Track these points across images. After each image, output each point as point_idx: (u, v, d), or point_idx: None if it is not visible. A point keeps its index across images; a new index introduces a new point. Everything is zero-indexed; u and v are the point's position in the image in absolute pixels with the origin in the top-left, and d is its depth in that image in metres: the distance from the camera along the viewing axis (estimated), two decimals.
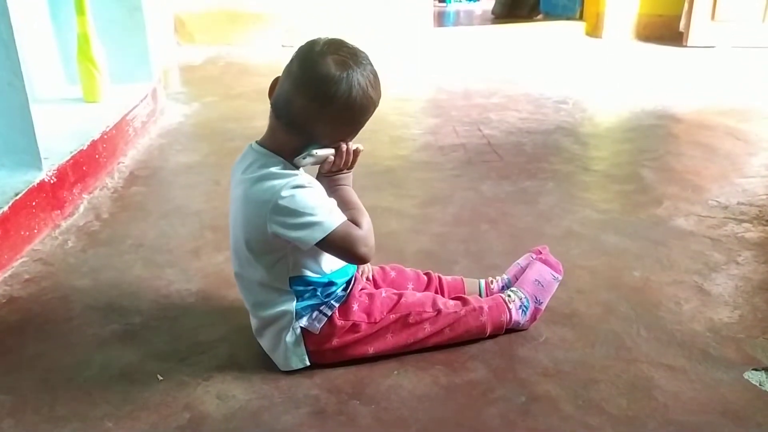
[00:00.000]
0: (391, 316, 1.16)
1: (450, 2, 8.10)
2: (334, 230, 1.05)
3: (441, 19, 6.67)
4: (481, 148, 2.34)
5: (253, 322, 1.18)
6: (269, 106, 1.11)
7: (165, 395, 1.10)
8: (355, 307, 1.15)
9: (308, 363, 1.14)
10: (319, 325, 1.13)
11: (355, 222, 1.09)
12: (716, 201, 1.84)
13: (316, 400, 1.09)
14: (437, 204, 1.85)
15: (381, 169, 2.12)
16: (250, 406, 1.07)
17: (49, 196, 1.70)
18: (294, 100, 1.05)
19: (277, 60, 3.83)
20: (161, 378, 1.14)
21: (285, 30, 4.27)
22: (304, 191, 1.05)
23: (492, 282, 1.33)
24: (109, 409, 1.07)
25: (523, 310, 1.23)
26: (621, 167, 2.17)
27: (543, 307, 1.25)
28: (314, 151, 1.09)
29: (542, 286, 1.25)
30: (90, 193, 1.92)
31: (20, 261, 1.54)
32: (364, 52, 1.09)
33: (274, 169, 1.08)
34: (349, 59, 1.05)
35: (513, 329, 1.24)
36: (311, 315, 1.13)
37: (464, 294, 1.29)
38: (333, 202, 1.10)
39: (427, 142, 2.39)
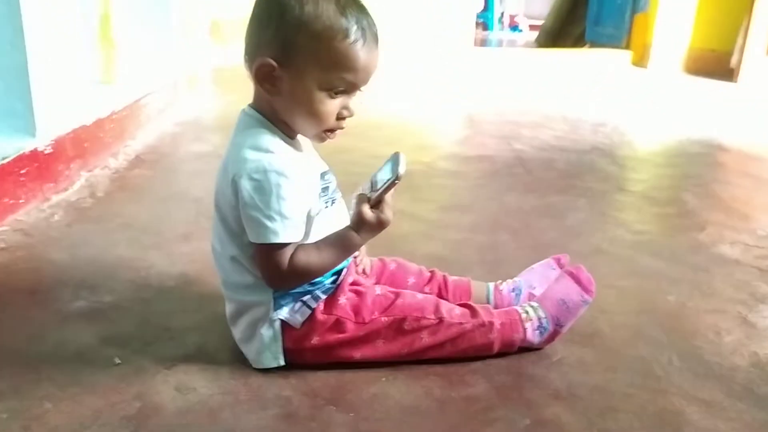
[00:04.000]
0: (382, 318, 1.00)
1: (492, 30, 8.02)
2: (272, 244, 0.92)
3: (483, 44, 6.58)
4: (509, 161, 2.19)
5: (228, 307, 1.03)
6: None
7: (118, 381, 0.96)
8: (342, 301, 1.00)
9: (282, 363, 0.99)
10: (301, 319, 0.98)
11: (305, 256, 0.95)
12: (766, 231, 1.66)
13: (287, 402, 0.94)
14: (455, 211, 1.71)
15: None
16: (210, 402, 0.93)
17: (41, 167, 1.60)
18: (247, 34, 0.93)
19: None
20: (119, 362, 1.01)
21: None
22: (276, 182, 0.90)
23: (501, 284, 1.17)
24: (52, 390, 0.94)
25: (540, 331, 1.06)
26: (661, 190, 1.99)
27: (564, 330, 1.07)
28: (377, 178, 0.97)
29: (567, 307, 1.06)
30: (89, 171, 1.82)
31: (0, 229, 1.43)
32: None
33: (253, 136, 0.94)
34: None
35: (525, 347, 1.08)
36: (293, 307, 0.99)
37: (470, 296, 1.14)
38: (303, 211, 0.95)
39: (454, 152, 2.25)
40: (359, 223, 0.96)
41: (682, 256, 1.49)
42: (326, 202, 1.02)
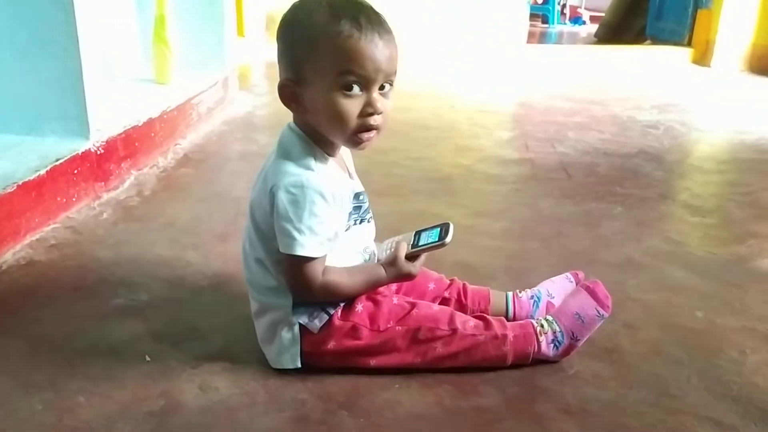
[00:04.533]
0: (397, 327, 1.03)
1: (554, 24, 7.88)
2: (298, 256, 0.97)
3: (542, 38, 6.48)
4: (550, 165, 2.18)
5: (252, 305, 1.08)
6: None
7: (146, 378, 1.03)
8: (359, 308, 1.04)
9: (299, 365, 1.03)
10: (319, 324, 1.02)
11: (338, 277, 1.02)
12: None
13: (302, 405, 0.98)
14: (488, 217, 1.71)
15: (438, 176, 2.01)
16: (229, 402, 0.98)
17: (93, 167, 1.69)
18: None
19: None
20: (149, 359, 1.07)
21: None
22: (311, 199, 0.95)
23: (521, 293, 1.18)
24: (86, 384, 1.00)
25: (555, 345, 1.07)
26: (705, 199, 1.95)
27: (580, 344, 1.08)
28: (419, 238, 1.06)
29: (583, 322, 1.07)
30: (139, 169, 1.91)
31: (51, 226, 1.52)
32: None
33: (295, 152, 0.99)
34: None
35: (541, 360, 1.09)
36: (312, 312, 1.02)
37: (489, 302, 1.16)
38: (332, 229, 1.00)
39: (494, 154, 2.25)
40: (391, 265, 1.04)
41: (718, 269, 1.47)
42: (356, 220, 1.06)
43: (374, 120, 0.97)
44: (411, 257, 1.06)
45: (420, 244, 1.06)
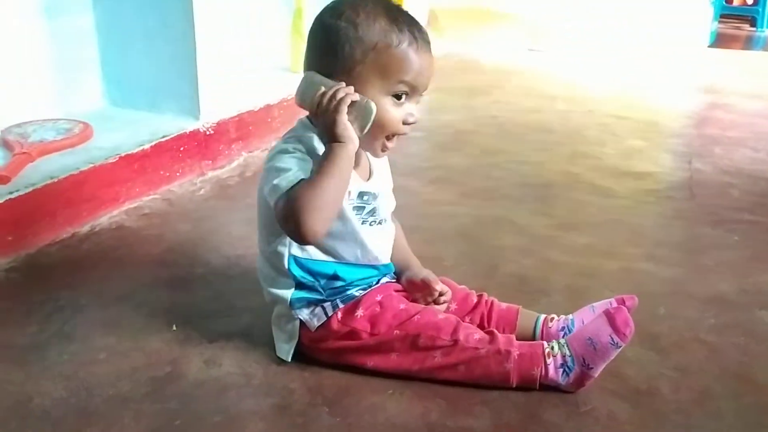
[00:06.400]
0: (396, 331, 1.01)
1: (763, 27, 7.07)
2: (276, 195, 0.92)
3: (748, 43, 5.85)
4: (675, 181, 1.97)
5: (264, 295, 1.11)
6: (457, 100, 1.06)
7: (165, 345, 1.10)
8: (360, 313, 1.02)
9: (289, 359, 1.05)
10: (317, 323, 1.03)
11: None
12: None
13: (290, 394, 0.99)
14: (574, 230, 1.60)
15: (538, 182, 1.91)
16: (225, 380, 1.02)
17: (201, 146, 1.82)
18: (305, 64, 1.03)
19: (511, 62, 3.70)
20: (175, 328, 1.14)
21: (532, 34, 4.09)
22: (294, 147, 0.97)
23: (552, 320, 1.09)
24: (112, 342, 1.10)
25: (565, 370, 0.98)
26: None
27: (594, 373, 0.98)
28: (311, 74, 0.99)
29: (594, 348, 0.97)
30: (250, 151, 2.02)
31: (151, 197, 1.67)
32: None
33: (304, 135, 1.01)
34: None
35: (554, 387, 1.01)
36: (312, 310, 1.03)
37: (514, 328, 1.09)
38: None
39: (614, 164, 2.08)
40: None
41: None
42: (363, 221, 1.05)
43: (408, 129, 1.03)
44: None
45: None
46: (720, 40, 4.63)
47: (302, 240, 0.93)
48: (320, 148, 0.98)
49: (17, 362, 1.04)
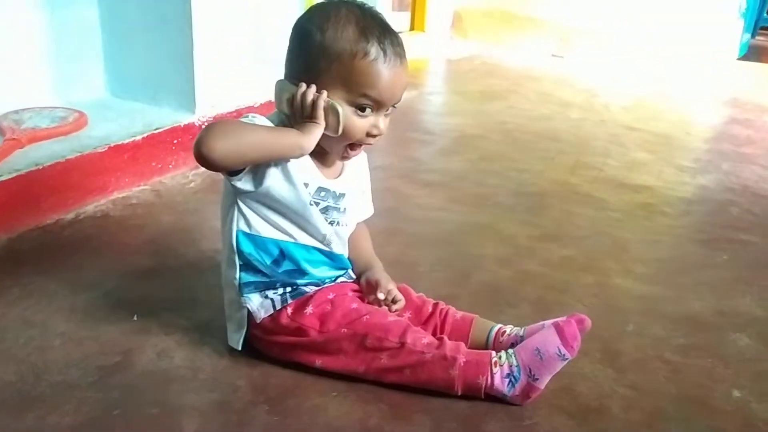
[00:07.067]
0: (343, 329, 1.01)
1: None
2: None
3: None
4: (673, 196, 1.93)
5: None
6: (470, 104, 1.06)
7: (121, 334, 1.11)
8: (310, 310, 1.02)
9: (239, 348, 1.05)
10: (264, 314, 1.03)
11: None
12: None
13: (233, 391, 1.00)
14: (556, 241, 1.58)
15: (533, 191, 1.88)
16: (172, 373, 1.03)
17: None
18: (285, 66, 1.02)
19: (535, 67, 3.66)
20: (135, 319, 1.16)
21: (558, 39, 4.04)
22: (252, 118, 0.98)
23: (505, 333, 1.08)
24: (70, 329, 1.12)
25: (511, 381, 0.97)
26: None
27: (540, 385, 0.97)
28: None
29: (541, 359, 0.96)
30: None
31: (141, 188, 1.69)
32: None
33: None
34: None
35: (501, 399, 0.99)
36: (261, 302, 1.04)
37: (468, 338, 1.07)
38: None
39: (614, 176, 2.05)
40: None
41: None
42: (329, 221, 1.05)
43: (373, 140, 1.02)
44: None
45: None
46: (753, 53, 4.52)
47: (196, 150, 0.91)
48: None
49: None
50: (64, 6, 1.82)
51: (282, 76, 1.02)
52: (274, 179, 0.98)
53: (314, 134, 0.96)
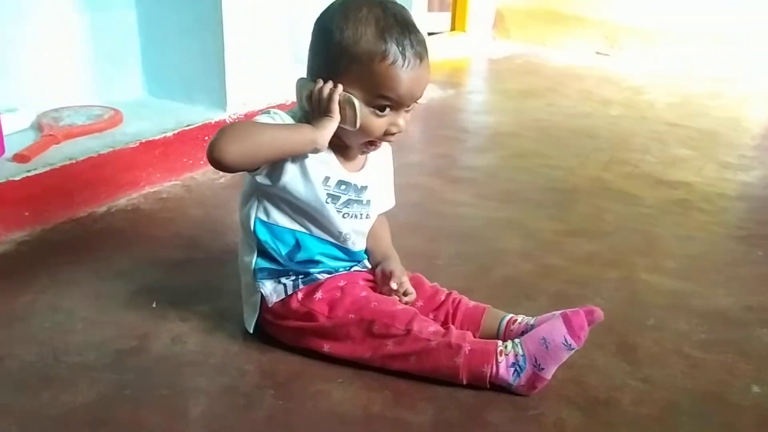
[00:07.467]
0: (351, 315, 1.02)
1: None
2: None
3: None
4: (712, 192, 1.87)
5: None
6: (508, 102, 1.06)
7: (140, 320, 1.15)
8: (319, 295, 1.04)
9: (251, 331, 1.08)
10: (276, 299, 1.05)
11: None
12: None
13: (241, 376, 1.02)
14: (583, 237, 1.55)
15: (563, 187, 1.86)
16: (185, 358, 1.06)
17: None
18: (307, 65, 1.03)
19: (579, 66, 3.60)
20: (155, 306, 1.19)
21: (604, 37, 3.96)
22: (275, 113, 0.99)
23: (515, 321, 1.07)
24: (94, 314, 1.16)
25: (516, 370, 0.96)
26: None
27: (546, 375, 0.96)
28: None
29: (547, 348, 0.95)
30: None
31: (171, 183, 1.74)
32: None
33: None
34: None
35: (507, 389, 0.98)
36: (275, 287, 1.06)
37: (479, 327, 1.07)
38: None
39: (648, 172, 2.00)
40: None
41: None
42: (341, 213, 1.06)
43: (393, 137, 1.02)
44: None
45: None
46: None
47: (209, 154, 0.90)
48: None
49: (1, 326, 1.12)
50: (104, 9, 1.89)
51: (305, 74, 1.04)
52: (290, 176, 1.00)
53: (328, 128, 0.96)
